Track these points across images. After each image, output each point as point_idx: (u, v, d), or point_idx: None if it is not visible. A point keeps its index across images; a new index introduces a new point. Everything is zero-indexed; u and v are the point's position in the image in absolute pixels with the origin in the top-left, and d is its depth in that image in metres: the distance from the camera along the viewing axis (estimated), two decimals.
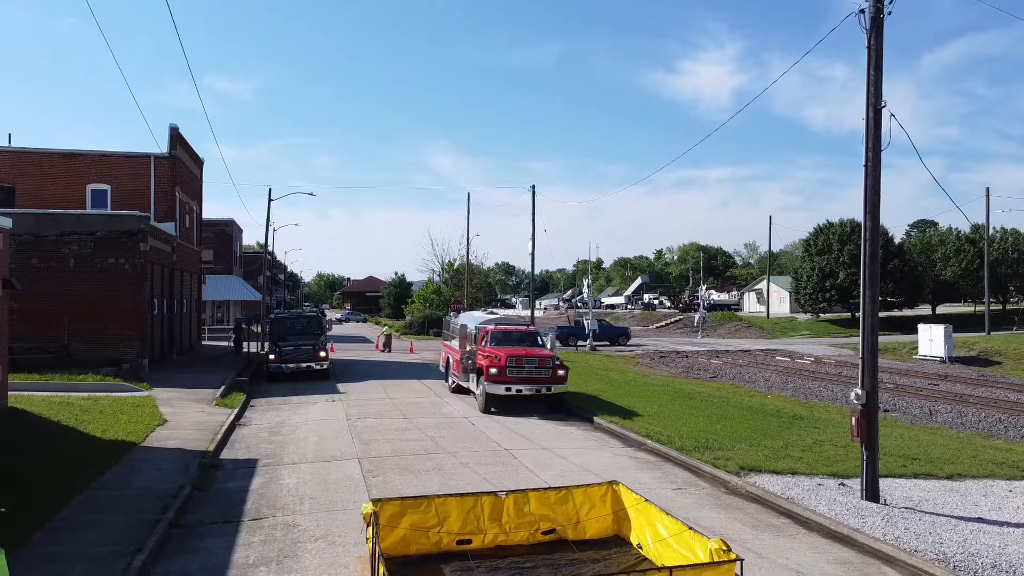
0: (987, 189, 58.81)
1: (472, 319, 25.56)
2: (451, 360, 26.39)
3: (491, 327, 23.55)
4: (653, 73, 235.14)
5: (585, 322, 53.55)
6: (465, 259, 68.08)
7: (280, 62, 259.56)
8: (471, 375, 22.88)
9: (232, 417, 19.67)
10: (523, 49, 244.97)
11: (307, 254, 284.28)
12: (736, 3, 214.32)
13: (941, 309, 78.42)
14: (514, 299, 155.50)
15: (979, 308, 70.92)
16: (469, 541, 9.33)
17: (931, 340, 47.45)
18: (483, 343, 22.64)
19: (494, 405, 21.39)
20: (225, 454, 15.90)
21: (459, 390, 25.16)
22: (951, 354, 45.98)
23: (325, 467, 14.61)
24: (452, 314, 29.69)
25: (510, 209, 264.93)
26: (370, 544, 8.42)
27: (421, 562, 8.95)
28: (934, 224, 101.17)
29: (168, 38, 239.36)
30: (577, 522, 9.73)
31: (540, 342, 23.86)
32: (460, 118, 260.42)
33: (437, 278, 79.42)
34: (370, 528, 8.41)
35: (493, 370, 21.00)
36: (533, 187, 53.43)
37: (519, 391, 21.17)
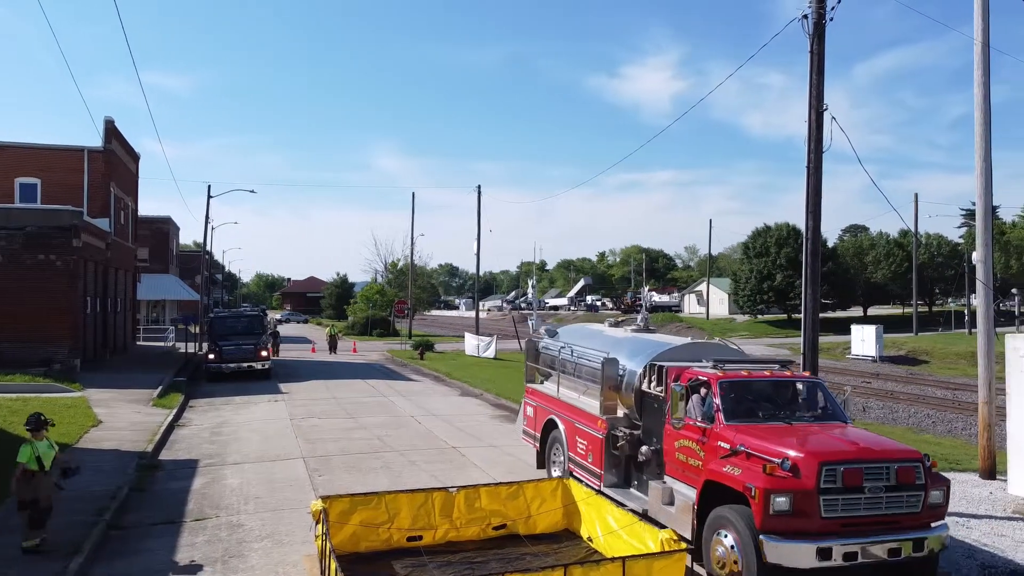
0: (916, 195, 61.27)
1: (622, 343, 11.85)
2: (563, 431, 12.23)
3: (711, 371, 9.60)
4: (597, 77, 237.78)
5: (530, 323, 53.84)
6: (409, 260, 67.69)
7: (220, 59, 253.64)
8: (658, 487, 9.66)
9: (171, 417, 19.16)
10: (469, 50, 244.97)
11: (247, 254, 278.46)
12: (678, 10, 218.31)
13: (872, 311, 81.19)
14: (458, 300, 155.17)
15: (907, 310, 73.62)
16: (420, 537, 9.30)
17: (863, 340, 49.10)
18: (705, 413, 9.21)
19: None
20: (164, 455, 15.48)
21: None
22: (882, 353, 47.67)
23: (270, 467, 14.35)
24: (544, 332, 14.39)
25: (455, 210, 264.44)
26: (319, 542, 8.32)
27: (372, 559, 8.87)
28: (865, 229, 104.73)
29: (100, 31, 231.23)
30: (528, 516, 9.78)
31: (831, 405, 10.04)
32: (405, 118, 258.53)
33: (381, 278, 78.75)
34: (320, 525, 8.32)
35: (780, 500, 7.79)
36: (479, 187, 53.39)
37: (850, 556, 7.96)
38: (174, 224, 63.40)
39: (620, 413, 10.94)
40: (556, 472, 12.65)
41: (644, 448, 10.24)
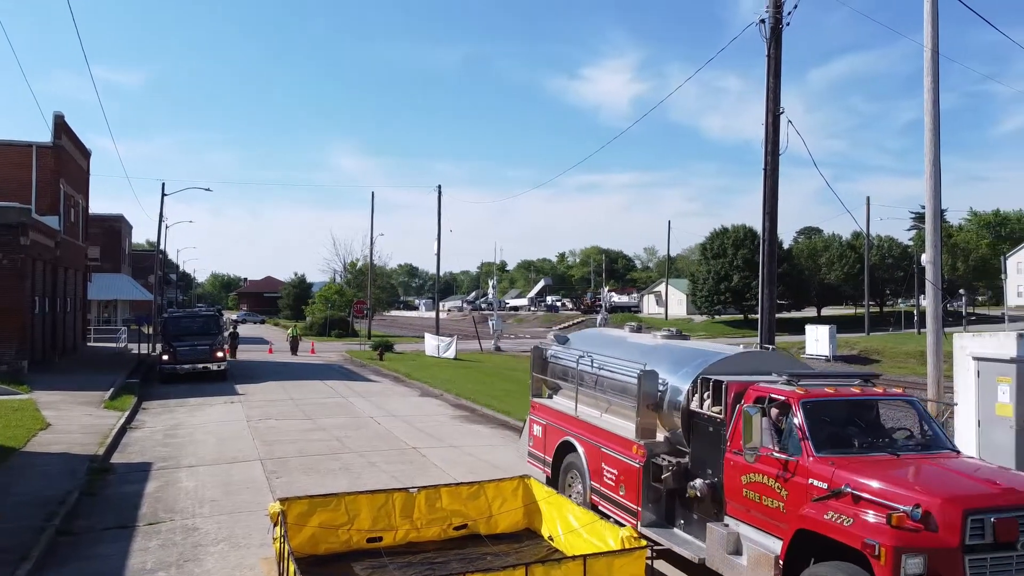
0: (867, 198, 62.74)
1: (656, 352, 10.03)
2: (583, 455, 10.41)
3: (787, 388, 7.84)
4: (557, 79, 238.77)
5: (491, 324, 53.95)
6: (368, 259, 67.20)
7: (171, 53, 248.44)
8: (719, 531, 7.93)
9: (123, 420, 18.73)
10: (427, 50, 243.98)
11: (202, 253, 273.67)
12: (637, 13, 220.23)
13: (826, 311, 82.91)
14: (417, 301, 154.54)
15: (859, 310, 75.36)
16: (380, 538, 9.23)
17: (817, 340, 50.15)
18: (785, 441, 7.51)
19: None
20: (116, 458, 15.13)
21: None
22: (835, 353, 48.73)
23: (226, 469, 14.11)
24: (552, 339, 12.71)
25: (415, 210, 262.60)
26: (277, 544, 8.22)
27: (331, 561, 8.79)
28: (819, 231, 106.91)
29: (48, 24, 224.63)
30: (489, 516, 9.77)
31: (931, 429, 8.08)
32: (364, 117, 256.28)
33: (339, 278, 78.05)
34: (278, 527, 8.21)
35: (914, 561, 6.07)
36: (439, 187, 53.31)
37: None
38: (126, 222, 62.03)
39: (660, 437, 9.22)
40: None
41: (698, 482, 8.25)
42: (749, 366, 8.99)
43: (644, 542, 7.67)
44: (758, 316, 13.41)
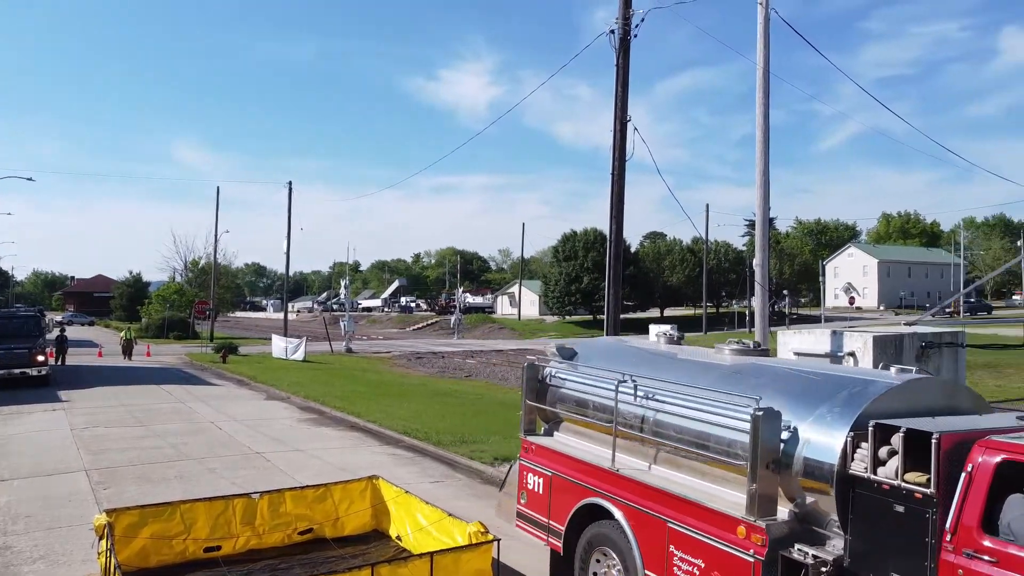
0: (707, 206, 66.87)
1: (742, 378, 6.43)
2: (630, 531, 6.64)
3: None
4: (414, 78, 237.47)
5: (342, 324, 52.95)
6: (212, 257, 64.02)
7: None
8: None
9: None
10: (275, 43, 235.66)
11: (22, 249, 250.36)
12: (494, 17, 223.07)
13: (668, 312, 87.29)
14: (265, 301, 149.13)
15: (698, 311, 79.84)
16: (219, 547, 8.80)
17: None
18: None
19: None
20: None
21: None
22: None
23: (45, 482, 12.98)
24: (554, 351, 8.71)
25: (264, 208, 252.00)
26: (103, 559, 7.67)
27: (163, 573, 8.29)
28: (663, 236, 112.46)
29: None
30: (336, 519, 9.55)
31: None
32: (208, 111, 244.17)
33: (180, 277, 73.98)
34: (103, 541, 7.67)
35: None
36: (290, 183, 51.59)
37: None
38: None
39: (783, 513, 5.64)
40: None
41: None
42: (922, 400, 5.70)
43: (491, 536, 7.75)
44: (605, 316, 13.91)
